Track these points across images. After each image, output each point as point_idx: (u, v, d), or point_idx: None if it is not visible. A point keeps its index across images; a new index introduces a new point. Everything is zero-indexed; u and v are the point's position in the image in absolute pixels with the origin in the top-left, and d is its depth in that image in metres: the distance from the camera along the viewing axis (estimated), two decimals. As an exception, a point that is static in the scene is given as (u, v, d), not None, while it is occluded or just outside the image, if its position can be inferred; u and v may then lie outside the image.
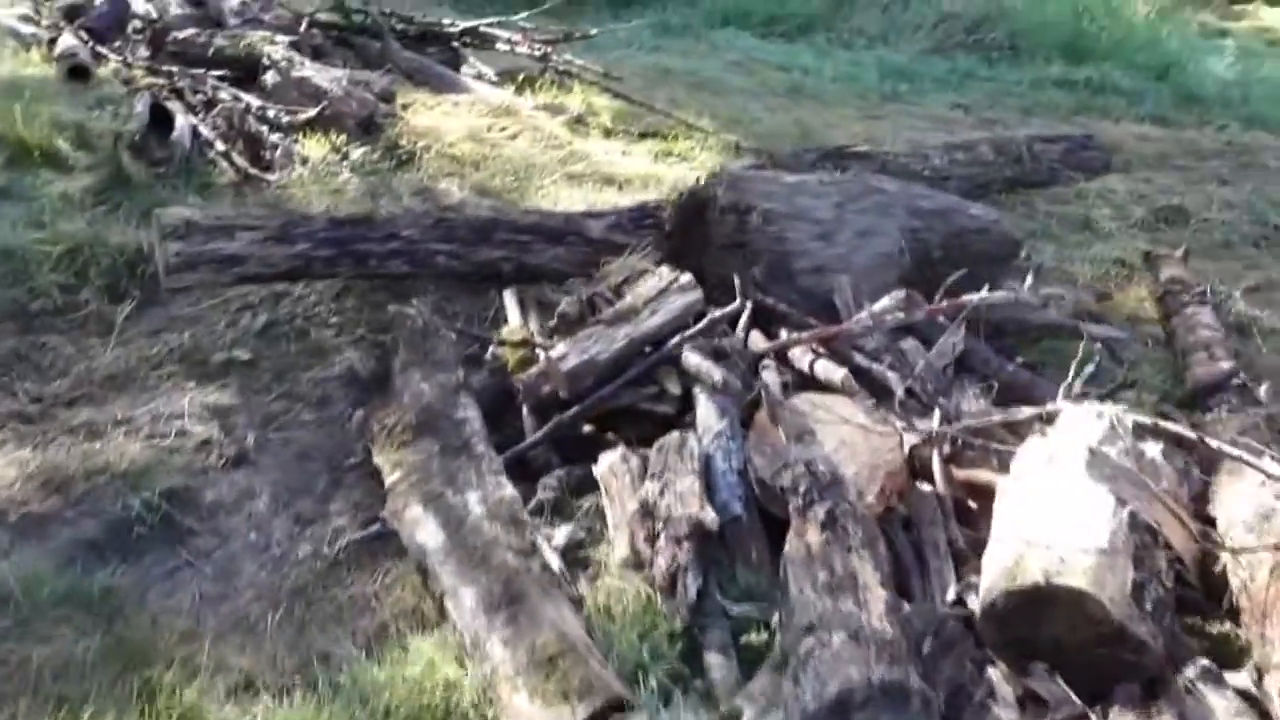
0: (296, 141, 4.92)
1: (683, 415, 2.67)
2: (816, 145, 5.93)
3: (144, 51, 6.46)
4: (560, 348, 2.73)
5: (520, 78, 6.57)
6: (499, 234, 3.60)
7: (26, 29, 6.62)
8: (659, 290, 2.84)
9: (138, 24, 6.96)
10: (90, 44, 6.25)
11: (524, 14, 6.96)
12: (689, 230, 3.29)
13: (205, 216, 3.18)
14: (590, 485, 2.65)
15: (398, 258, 3.43)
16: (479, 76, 6.35)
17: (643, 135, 5.85)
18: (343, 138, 4.95)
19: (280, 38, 5.52)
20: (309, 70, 5.27)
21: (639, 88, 6.83)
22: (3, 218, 3.92)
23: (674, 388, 2.68)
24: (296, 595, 2.41)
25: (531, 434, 2.79)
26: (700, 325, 2.75)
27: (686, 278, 2.89)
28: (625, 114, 6.18)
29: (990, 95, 7.89)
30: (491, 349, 3.09)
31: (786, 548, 2.04)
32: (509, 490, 2.43)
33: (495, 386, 3.00)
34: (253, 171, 4.48)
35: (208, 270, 3.14)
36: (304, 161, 4.74)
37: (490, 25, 6.64)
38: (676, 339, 2.73)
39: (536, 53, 6.36)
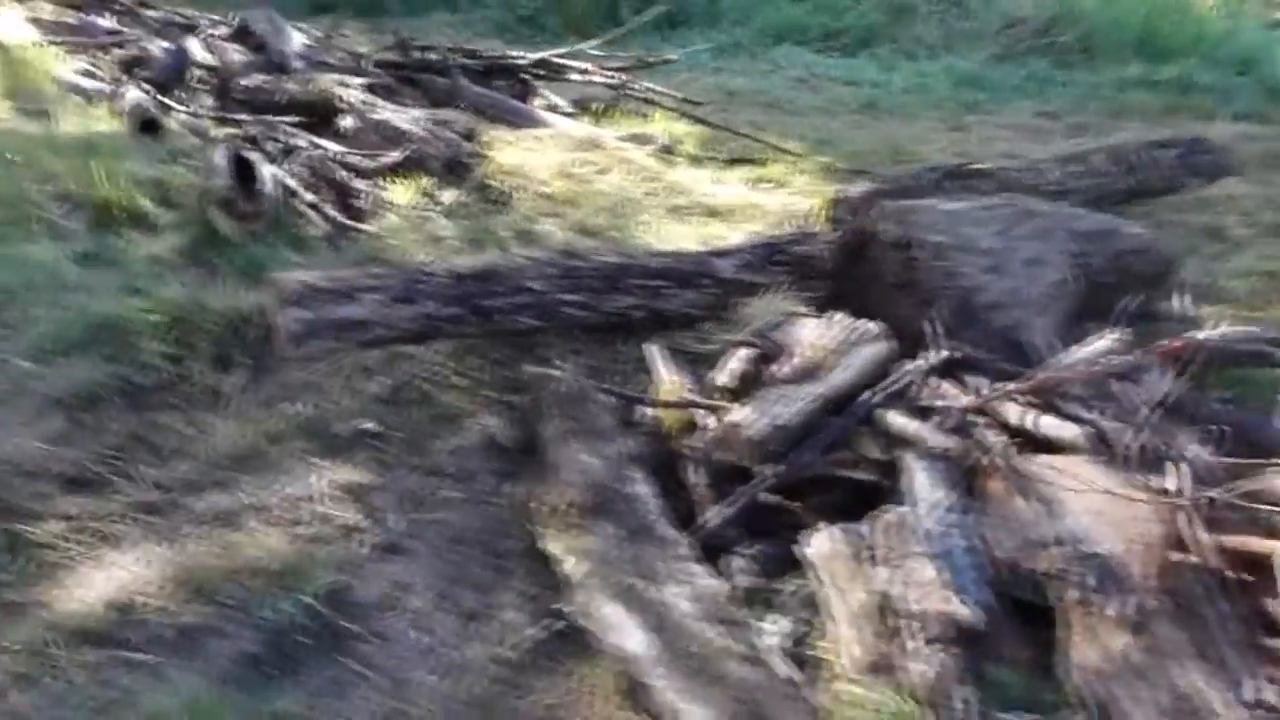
0: (383, 187, 4.71)
1: (884, 483, 2.39)
2: (913, 163, 5.66)
3: (209, 100, 6.30)
4: (740, 411, 2.45)
5: (593, 107, 6.35)
6: (629, 280, 3.35)
7: (89, 84, 6.47)
8: (844, 340, 2.56)
9: (199, 73, 6.80)
10: (155, 96, 6.09)
11: (593, 42, 6.73)
12: (851, 268, 3.02)
13: (324, 279, 2.94)
14: (784, 563, 2.38)
15: (525, 311, 3.19)
16: (552, 108, 6.12)
17: (731, 161, 5.60)
18: (430, 181, 4.74)
19: (354, 80, 5.31)
20: (387, 112, 5.06)
21: (710, 111, 6.58)
22: (98, 285, 3.71)
23: (874, 452, 2.39)
24: (480, 708, 2.14)
25: (702, 505, 2.51)
26: (898, 380, 2.47)
27: (873, 326, 2.60)
28: (708, 140, 5.94)
29: (1074, 100, 7.58)
30: (644, 410, 2.82)
31: (1074, 654, 1.75)
32: (714, 582, 2.16)
33: (652, 453, 2.73)
34: (345, 221, 4.25)
35: (329, 336, 2.90)
36: (393, 208, 4.52)
37: (561, 56, 6.41)
38: (872, 396, 2.44)
39: (613, 81, 6.12)
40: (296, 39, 6.41)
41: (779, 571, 2.37)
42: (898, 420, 2.37)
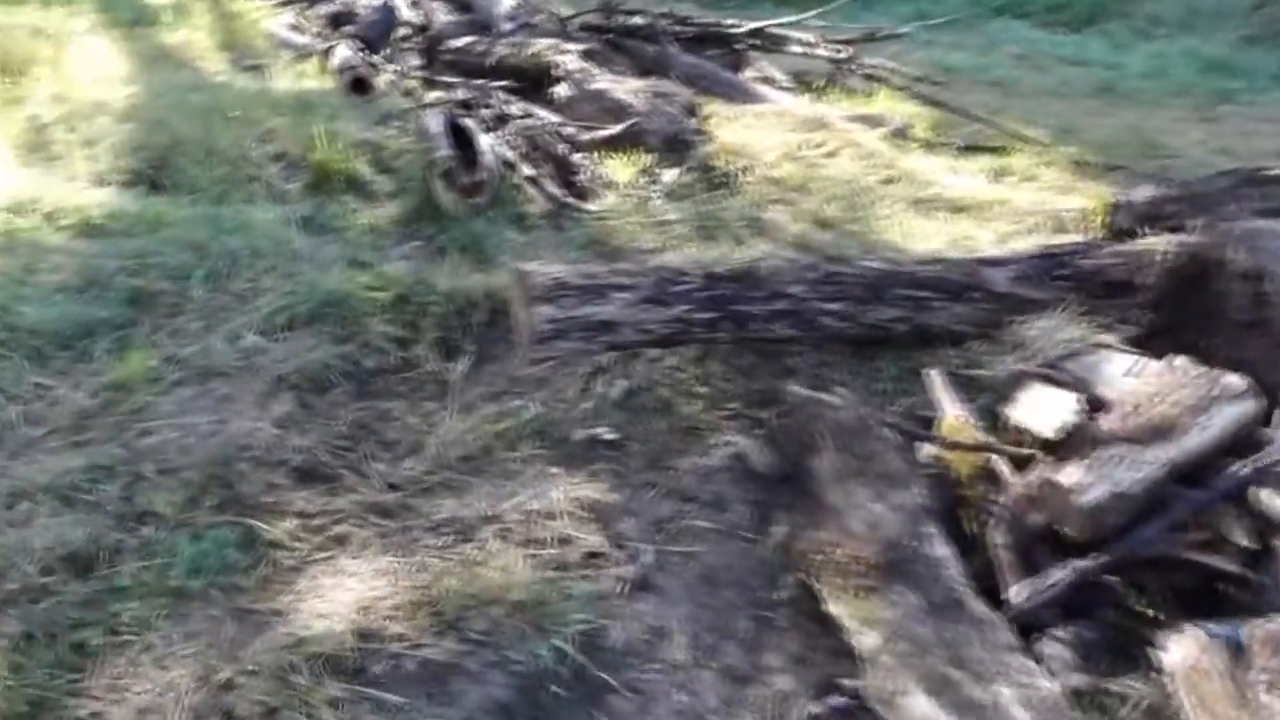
0: (600, 162, 4.44)
1: (1250, 575, 1.96)
2: (1169, 158, 5.06)
3: (416, 60, 6.17)
4: (1069, 471, 2.06)
5: (811, 83, 5.93)
6: (894, 289, 2.97)
7: (298, 39, 6.44)
8: (1201, 395, 2.13)
9: (405, 31, 6.69)
10: (363, 54, 5.99)
11: (812, 13, 6.26)
12: (1183, 299, 2.57)
13: (574, 274, 2.67)
14: (1103, 649, 2.00)
15: (782, 319, 2.85)
16: (766, 81, 5.73)
17: (966, 149, 5.10)
18: (649, 157, 4.43)
19: (571, 46, 5.05)
20: (605, 82, 4.78)
21: (933, 91, 6.06)
22: (320, 255, 3.56)
23: (1240, 537, 1.97)
24: (758, 797, 1.84)
25: (1006, 572, 2.14)
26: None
27: (1236, 380, 2.16)
28: (938, 123, 5.44)
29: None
30: (927, 450, 2.46)
31: None
32: (1048, 685, 1.79)
33: (936, 500, 2.36)
34: (567, 199, 4.00)
35: (577, 337, 2.63)
36: (612, 186, 4.25)
37: (781, 25, 5.99)
38: (1242, 467, 2.01)
39: (839, 55, 5.67)
40: (508, 2, 6.20)
41: (1104, 663, 1.99)
42: (1276, 502, 1.94)
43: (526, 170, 4.16)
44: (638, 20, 6.28)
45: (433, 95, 5.18)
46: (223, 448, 2.62)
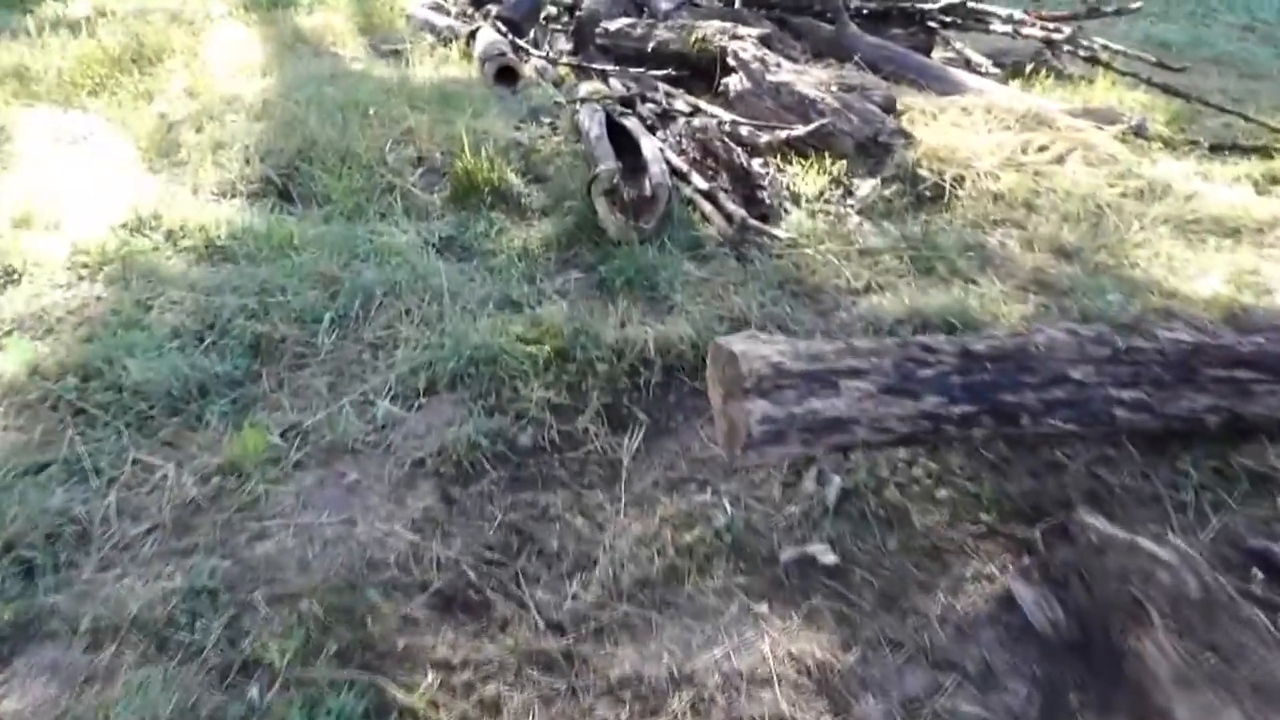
0: (782, 169, 3.74)
1: None
2: None
3: (565, 44, 5.56)
4: None
5: (1013, 66, 5.07)
6: (1207, 370, 2.21)
7: (442, 21, 5.92)
8: None
9: (552, 10, 6.09)
10: (509, 37, 5.42)
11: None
12: None
13: (793, 356, 2.01)
14: None
15: (1061, 411, 2.13)
16: (965, 65, 4.90)
17: (1215, 148, 4.19)
18: (841, 164, 3.72)
19: (745, 30, 4.34)
20: (787, 73, 4.06)
21: (1150, 71, 5.11)
22: (464, 293, 3.00)
23: None
24: None
25: None
26: None
27: None
28: (1179, 115, 4.53)
29: None
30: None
31: None
32: None
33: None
34: (751, 221, 3.33)
35: (797, 439, 1.98)
36: (799, 200, 3.55)
37: (982, 1, 5.14)
38: None
39: (1057, 36, 4.80)
40: (665, -24, 5.52)
41: None
42: None
43: (700, 183, 3.50)
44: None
45: (586, 87, 4.57)
46: (349, 564, 2.09)
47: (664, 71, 4.62)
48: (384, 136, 4.18)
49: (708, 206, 3.41)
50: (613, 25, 5.07)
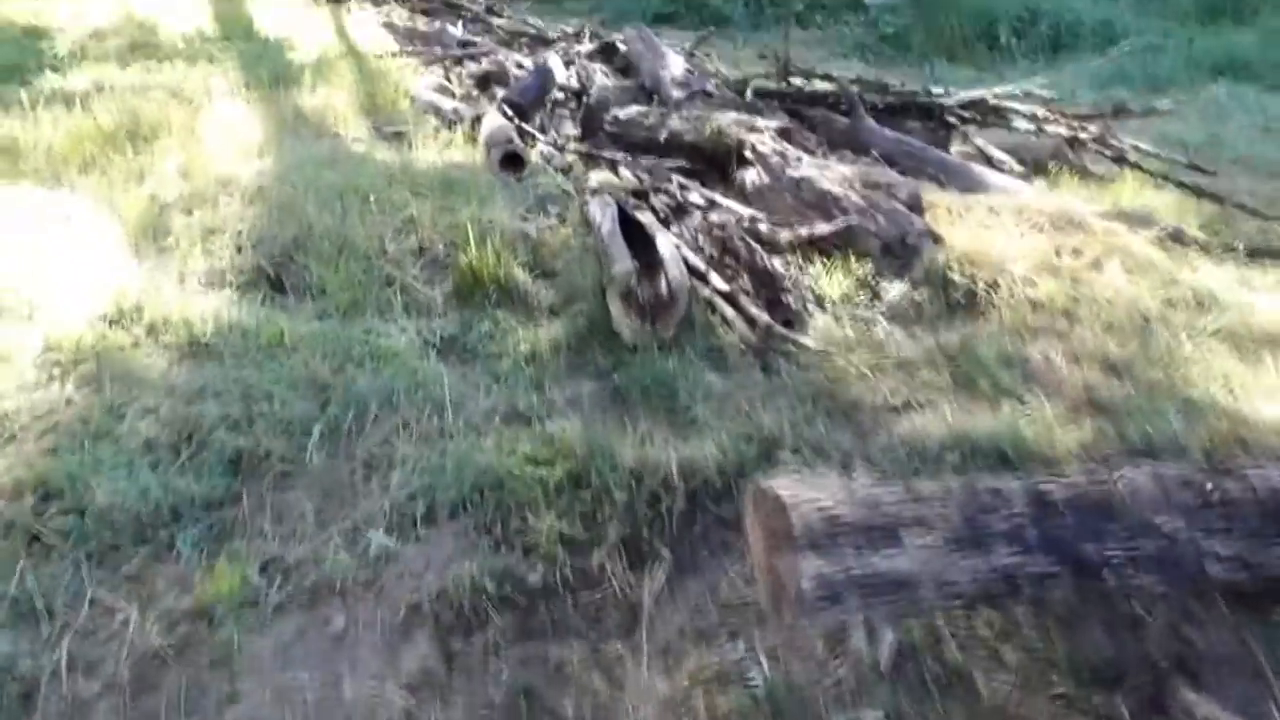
0: (803, 268, 3.54)
1: None
2: None
3: (572, 128, 5.41)
4: None
5: (1036, 162, 4.92)
6: (1306, 520, 1.96)
7: (446, 103, 5.77)
8: None
9: (559, 95, 5.96)
10: (515, 121, 5.26)
11: (1036, 82, 5.25)
12: None
13: (848, 504, 1.76)
14: None
15: (1147, 566, 1.87)
16: (988, 161, 4.75)
17: (1253, 254, 4.01)
18: (866, 266, 3.51)
19: (763, 122, 4.18)
20: (808, 168, 3.88)
21: (1177, 172, 4.97)
22: (468, 405, 2.75)
23: None
24: None
25: None
26: None
27: None
28: (1213, 219, 4.37)
29: None
30: None
31: None
32: None
33: None
34: (775, 327, 3.10)
35: (853, 600, 1.71)
36: (823, 304, 3.33)
37: (1002, 95, 5.01)
38: None
39: (1084, 134, 4.65)
40: (676, 64, 5.39)
41: None
42: None
43: (720, 284, 3.28)
44: (824, 86, 5.39)
45: (596, 176, 4.39)
46: (332, 738, 1.79)
47: (677, 162, 4.44)
48: (384, 224, 3.97)
49: (729, 310, 3.19)
50: (623, 113, 4.91)
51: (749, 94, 5.45)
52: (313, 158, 4.79)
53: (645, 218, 3.69)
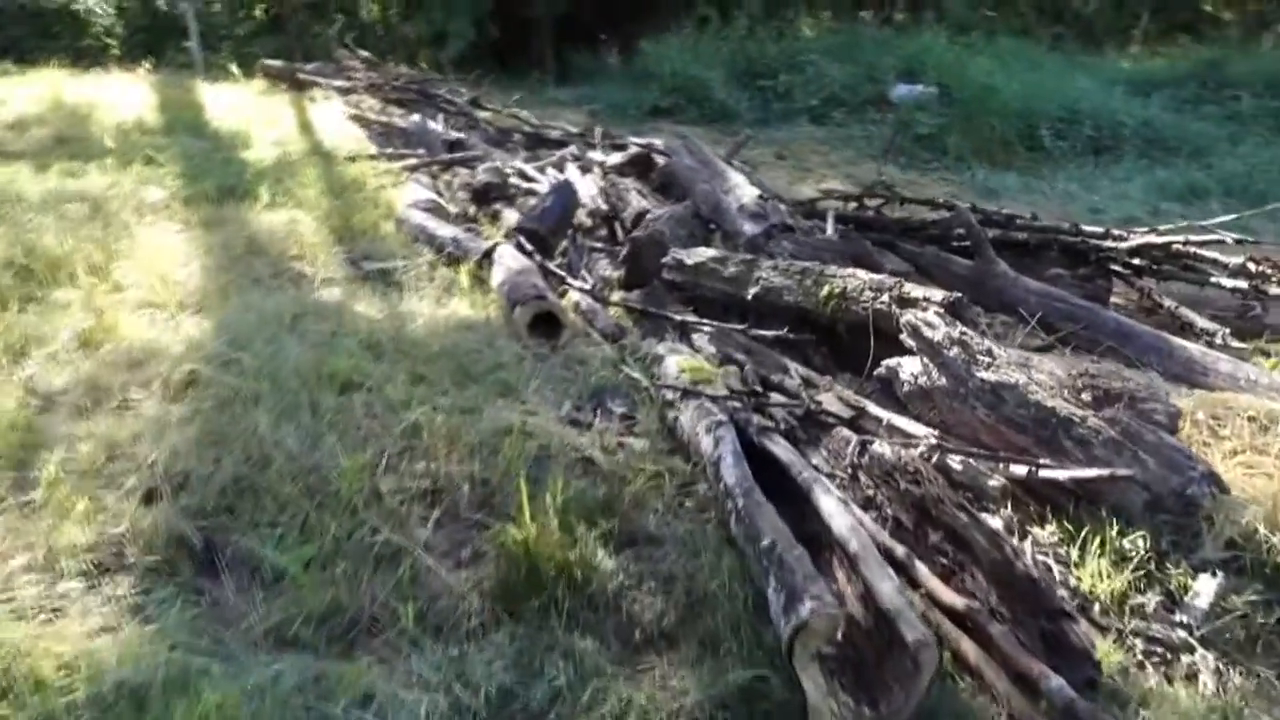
0: (1044, 547, 2.22)
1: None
2: None
3: (610, 268, 4.10)
4: None
5: (1235, 329, 3.68)
6: None
7: (443, 229, 4.44)
8: None
9: (585, 219, 4.67)
10: (536, 259, 3.95)
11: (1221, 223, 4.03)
12: None
13: None
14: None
15: None
16: (1181, 329, 3.50)
17: None
18: (1133, 536, 2.20)
19: (923, 291, 2.88)
20: (1011, 368, 2.58)
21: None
22: None
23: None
24: None
25: None
26: None
27: None
28: None
29: None
30: None
31: None
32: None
33: None
34: (1078, 707, 1.75)
35: None
36: (1084, 608, 2.01)
37: (1187, 239, 3.77)
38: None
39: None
40: (742, 186, 4.13)
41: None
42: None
43: (948, 596, 1.94)
44: (929, 214, 4.17)
45: (674, 360, 3.05)
46: None
47: (776, 332, 3.14)
48: (375, 443, 2.60)
49: (975, 653, 1.84)
50: (689, 256, 3.62)
51: (830, 226, 4.19)
52: (268, 316, 3.41)
53: (783, 451, 2.36)
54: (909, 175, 7.77)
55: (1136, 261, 3.71)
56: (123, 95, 8.49)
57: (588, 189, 4.77)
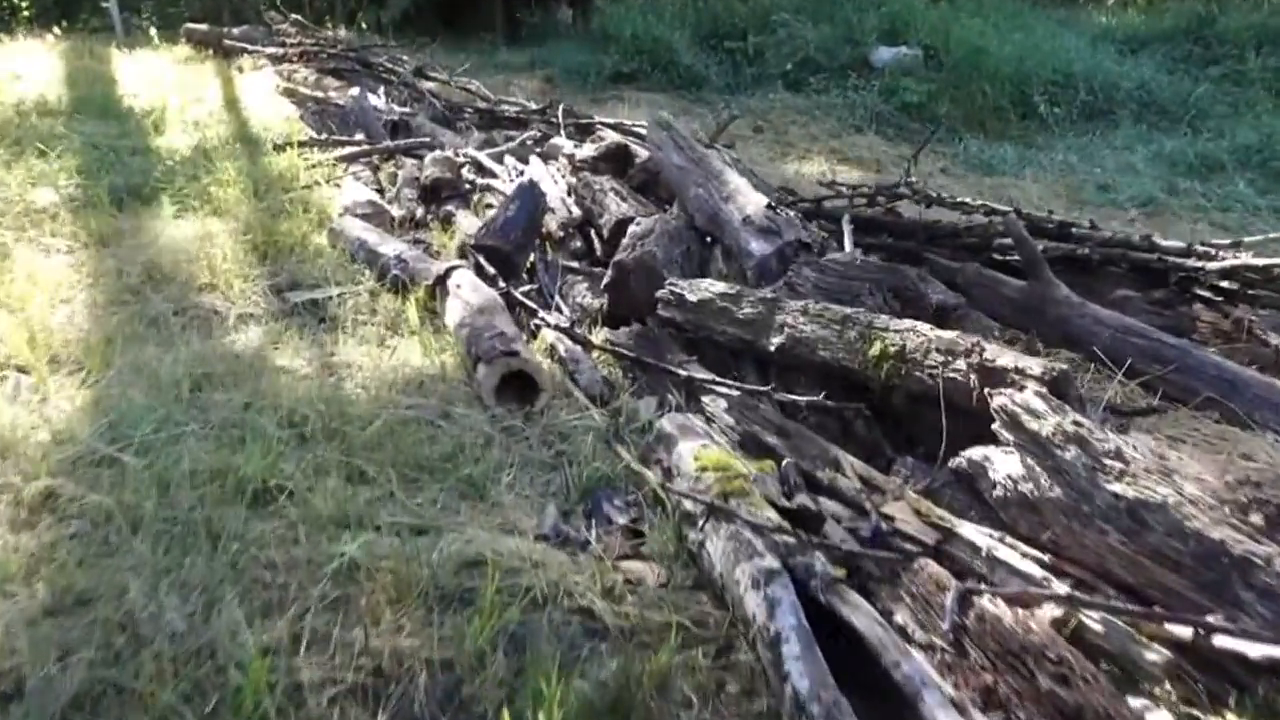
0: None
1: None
2: None
3: (588, 295, 3.36)
4: None
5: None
6: None
7: (384, 245, 3.64)
8: None
9: (554, 228, 3.90)
10: (500, 283, 3.21)
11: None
12: None
13: None
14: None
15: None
16: (1283, 371, 2.85)
17: None
18: None
19: (1014, 362, 2.17)
20: (1153, 480, 1.91)
21: None
22: None
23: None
24: None
25: None
26: None
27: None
28: None
29: None
30: None
31: None
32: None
33: None
34: None
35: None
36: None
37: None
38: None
39: None
40: (746, 192, 3.39)
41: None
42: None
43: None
44: (964, 219, 3.47)
45: (686, 443, 2.34)
46: None
47: (813, 398, 2.43)
48: (295, 602, 1.86)
49: None
50: (692, 292, 2.88)
51: (848, 239, 3.48)
52: (163, 383, 2.63)
53: (866, 623, 1.67)
54: (900, 148, 7.07)
55: (1227, 284, 3.05)
56: (27, 66, 7.49)
57: (556, 190, 4.00)
